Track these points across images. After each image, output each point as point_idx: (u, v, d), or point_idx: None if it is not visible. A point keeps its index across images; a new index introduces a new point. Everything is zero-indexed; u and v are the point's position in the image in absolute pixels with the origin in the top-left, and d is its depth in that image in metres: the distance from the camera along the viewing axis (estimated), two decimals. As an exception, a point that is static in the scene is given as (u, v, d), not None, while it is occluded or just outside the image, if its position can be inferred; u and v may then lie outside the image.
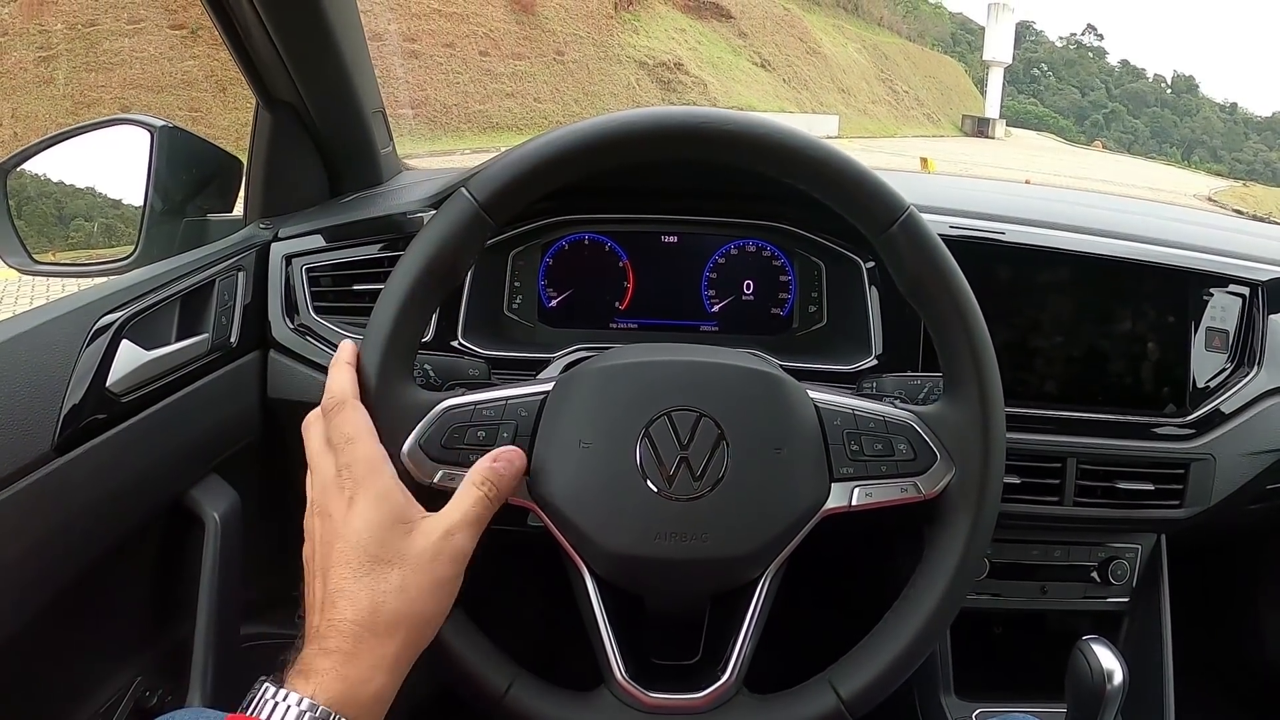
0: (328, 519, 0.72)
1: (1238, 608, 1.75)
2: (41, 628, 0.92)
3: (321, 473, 0.75)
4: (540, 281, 1.32)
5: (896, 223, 0.82)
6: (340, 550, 0.70)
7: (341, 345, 0.81)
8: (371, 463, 0.74)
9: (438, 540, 0.72)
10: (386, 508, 0.72)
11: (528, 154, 0.80)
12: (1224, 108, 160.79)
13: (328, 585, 0.69)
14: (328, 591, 0.69)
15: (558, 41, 32.54)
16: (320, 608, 0.69)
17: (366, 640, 0.67)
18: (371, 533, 0.70)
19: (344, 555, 0.70)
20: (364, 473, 0.73)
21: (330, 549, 0.71)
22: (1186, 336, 1.29)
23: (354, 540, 0.70)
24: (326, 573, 0.70)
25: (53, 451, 0.88)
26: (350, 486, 0.72)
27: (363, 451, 0.74)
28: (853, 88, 59.59)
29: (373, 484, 0.72)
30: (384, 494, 0.72)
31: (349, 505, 0.71)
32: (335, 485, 0.73)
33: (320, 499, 0.74)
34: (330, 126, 1.35)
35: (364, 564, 0.69)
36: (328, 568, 0.70)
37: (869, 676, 0.81)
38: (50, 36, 18.87)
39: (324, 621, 0.68)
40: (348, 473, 0.73)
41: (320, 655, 0.67)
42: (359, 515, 0.71)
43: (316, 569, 0.72)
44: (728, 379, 0.83)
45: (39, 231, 1.34)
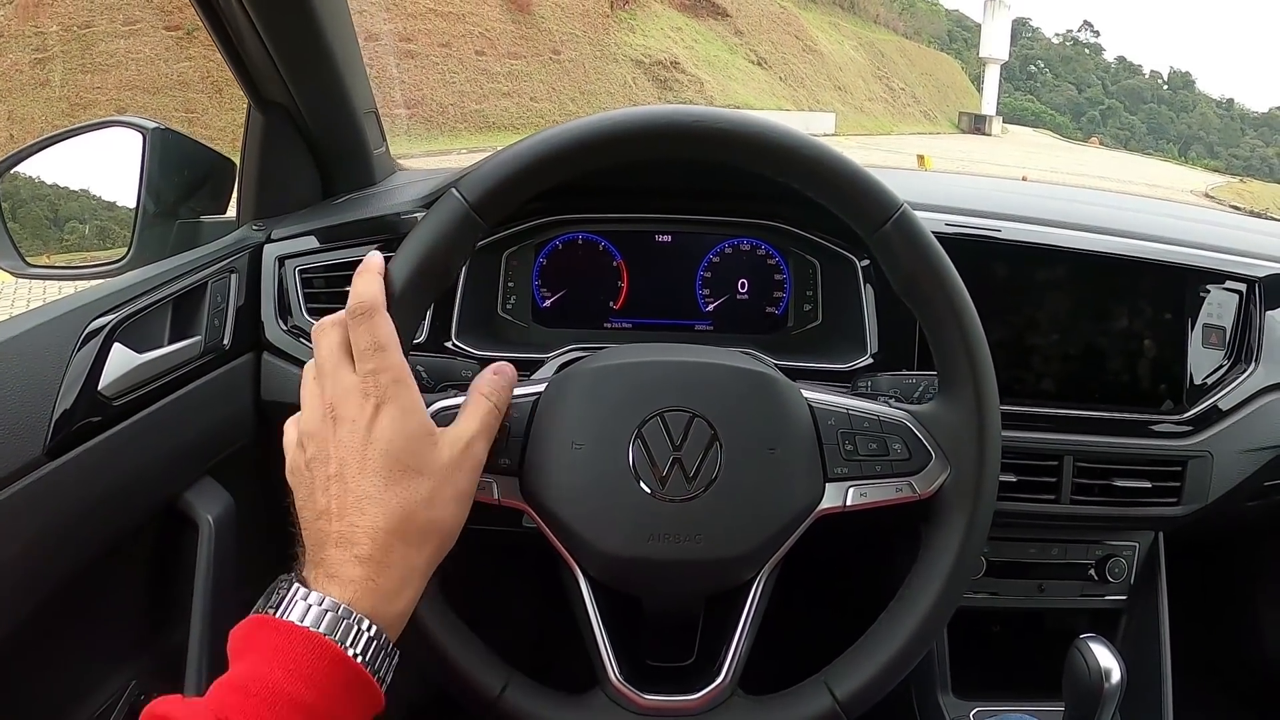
0: (347, 423, 0.70)
1: (1236, 605, 1.75)
2: (35, 632, 0.92)
3: (338, 378, 0.73)
4: (534, 282, 1.32)
5: (890, 221, 0.82)
6: (369, 456, 0.69)
7: (370, 255, 0.78)
8: (401, 372, 0.72)
9: (460, 452, 0.73)
10: (416, 419, 0.71)
11: (518, 154, 0.80)
12: (1220, 104, 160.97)
13: (351, 490, 0.68)
14: (353, 497, 0.68)
15: (554, 41, 32.55)
16: (341, 513, 0.68)
17: (398, 549, 0.68)
18: (404, 441, 0.70)
19: (372, 462, 0.69)
20: (392, 381, 0.71)
21: (354, 453, 0.69)
22: (1184, 333, 1.29)
23: (383, 447, 0.69)
24: (347, 479, 0.69)
25: (44, 456, 0.87)
26: (377, 393, 0.71)
27: (393, 359, 0.72)
28: (849, 85, 59.63)
29: (402, 393, 0.72)
30: (413, 406, 0.72)
31: (375, 412, 0.70)
32: (359, 391, 0.71)
33: (337, 403, 0.72)
34: (322, 128, 1.35)
35: (395, 472, 0.69)
36: (348, 474, 0.69)
37: (864, 677, 0.81)
38: (46, 38, 18.86)
39: (350, 527, 0.67)
40: (373, 380, 0.71)
41: (352, 563, 0.66)
42: (389, 423, 0.70)
43: (331, 474, 0.70)
44: (721, 379, 0.83)
45: (33, 234, 1.34)
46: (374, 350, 0.72)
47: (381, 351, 0.72)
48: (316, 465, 0.71)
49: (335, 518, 0.68)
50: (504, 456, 0.81)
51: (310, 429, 0.73)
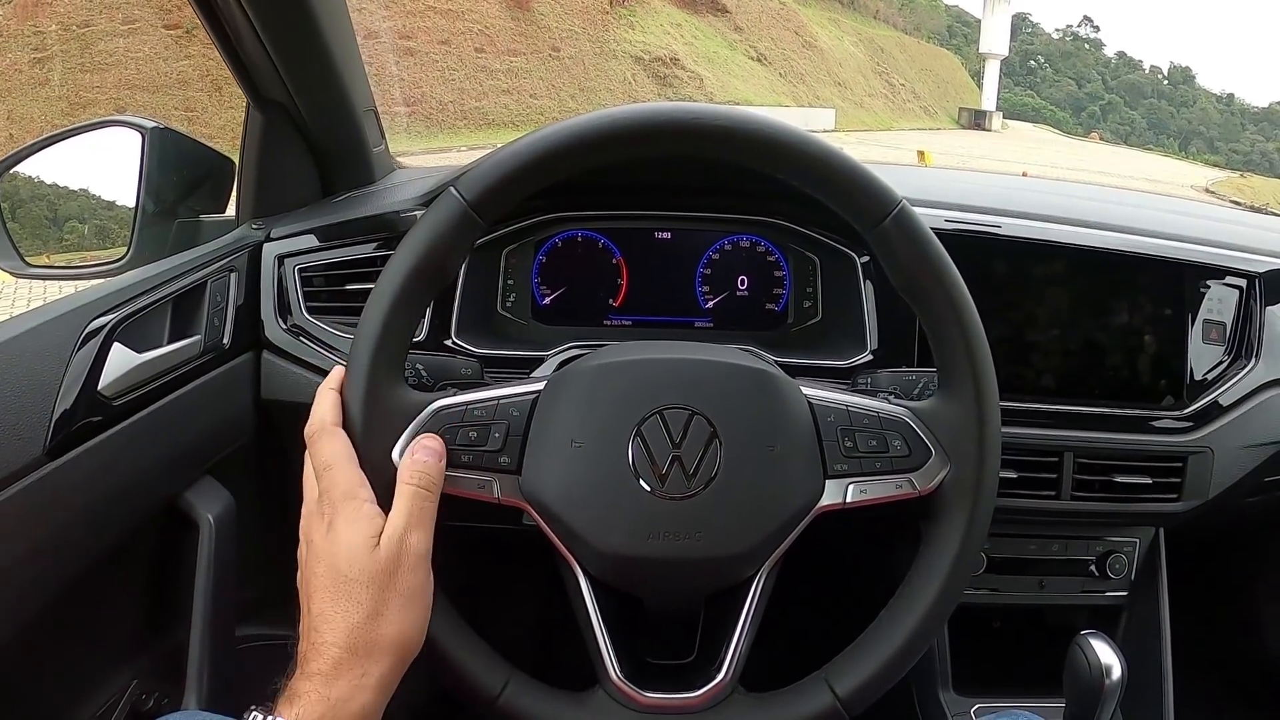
0: (309, 545, 0.75)
1: (1236, 600, 1.75)
2: (37, 633, 0.92)
3: (307, 501, 0.77)
4: (534, 279, 1.32)
5: (889, 217, 0.82)
6: (320, 575, 0.72)
7: (333, 371, 0.82)
8: (348, 487, 0.75)
9: (396, 551, 0.73)
10: (359, 530, 0.73)
11: (516, 152, 0.80)
12: (1221, 99, 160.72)
13: (311, 610, 0.72)
14: (312, 617, 0.71)
15: (553, 37, 32.51)
16: (306, 633, 0.71)
17: (345, 661, 0.69)
18: (347, 554, 0.72)
19: (322, 580, 0.72)
20: (340, 497, 0.74)
21: (312, 575, 0.73)
22: (1184, 329, 1.29)
23: (329, 564, 0.72)
24: (309, 599, 0.72)
25: (45, 456, 0.87)
26: (329, 512, 0.74)
27: (340, 476, 0.75)
28: (849, 81, 59.56)
29: (348, 507, 0.74)
30: (357, 516, 0.74)
31: (327, 530, 0.73)
32: (316, 512, 0.75)
33: (305, 526, 0.76)
34: (321, 126, 1.34)
35: (340, 586, 0.71)
36: (310, 593, 0.72)
37: (865, 674, 0.81)
38: (45, 38, 18.83)
39: (309, 646, 0.71)
40: (326, 498, 0.75)
41: (304, 679, 0.69)
42: (335, 539, 0.73)
43: (303, 596, 0.74)
44: (720, 376, 0.83)
45: (34, 234, 1.33)
46: (324, 470, 0.76)
47: (329, 470, 0.76)
48: (299, 589, 0.75)
49: (304, 638, 0.72)
50: (504, 455, 0.81)
51: (299, 555, 0.77)
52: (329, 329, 1.21)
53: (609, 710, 0.81)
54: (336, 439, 0.77)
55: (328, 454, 0.76)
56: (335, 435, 0.77)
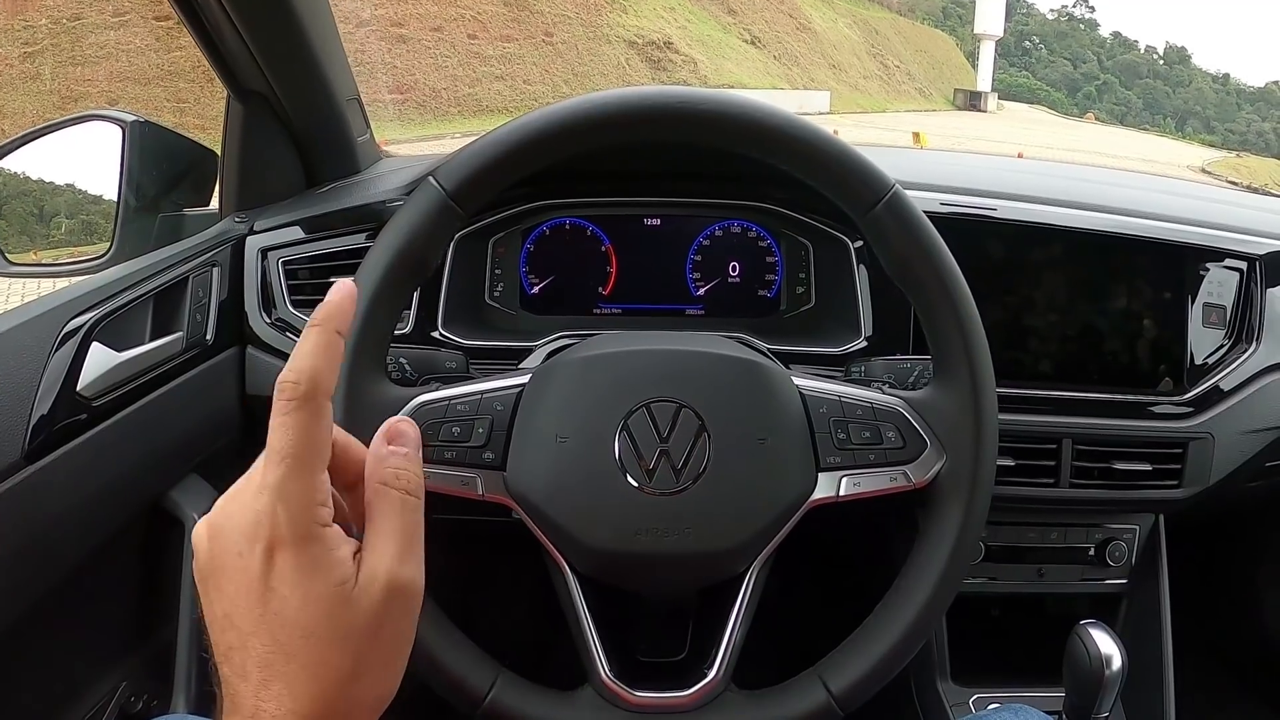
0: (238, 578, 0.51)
1: (1236, 587, 1.74)
2: (23, 637, 0.91)
3: (241, 493, 0.53)
4: (521, 268, 1.30)
5: (881, 202, 0.80)
6: (267, 631, 0.50)
7: (336, 286, 0.55)
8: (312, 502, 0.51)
9: (379, 595, 0.52)
10: (327, 572, 0.51)
11: (496, 140, 0.78)
12: (1216, 79, 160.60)
13: (252, 652, 0.50)
14: (254, 662, 0.50)
15: (546, 23, 32.45)
16: (243, 673, 0.50)
17: None
18: (308, 609, 0.50)
19: (270, 638, 0.50)
20: (300, 517, 0.51)
21: (252, 628, 0.50)
22: (1183, 313, 1.27)
23: (281, 618, 0.50)
24: (245, 656, 0.50)
25: (23, 460, 0.86)
26: (282, 535, 0.50)
27: (302, 484, 0.51)
28: (844, 63, 59.46)
29: (310, 538, 0.51)
30: (323, 551, 0.51)
31: (268, 558, 0.50)
32: (256, 525, 0.51)
33: (228, 539, 0.52)
34: (303, 116, 1.32)
35: (296, 646, 0.50)
36: (246, 650, 0.50)
37: (860, 671, 0.80)
38: (35, 31, 18.78)
39: (255, 708, 0.49)
40: (281, 512, 0.50)
41: None
42: (292, 583, 0.50)
43: (228, 647, 0.51)
44: (709, 367, 0.81)
45: (20, 231, 1.32)
46: (283, 460, 0.50)
47: (293, 467, 0.51)
48: (210, 589, 0.52)
49: (243, 680, 0.50)
50: (488, 451, 0.79)
51: (216, 526, 0.53)
52: None
53: (598, 709, 0.80)
54: (322, 420, 0.52)
55: (296, 438, 0.51)
56: (324, 412, 0.52)
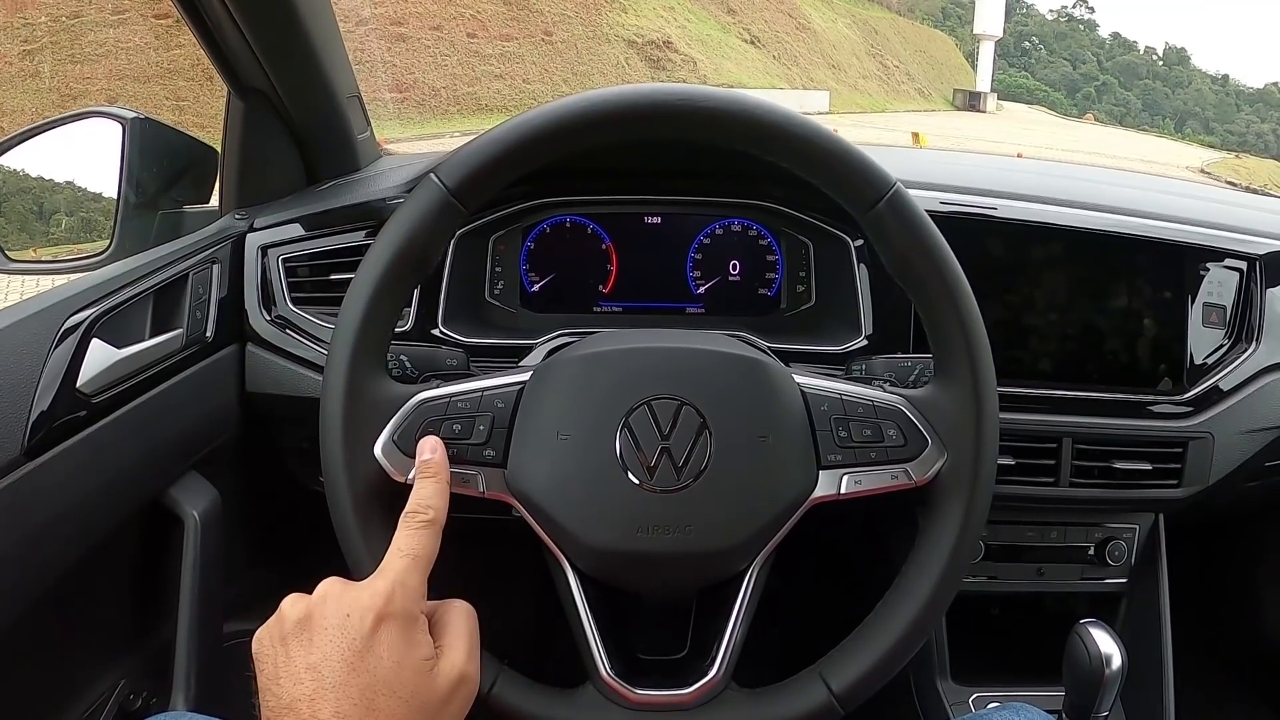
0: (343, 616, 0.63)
1: (1235, 586, 1.74)
2: (22, 634, 0.91)
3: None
4: (522, 266, 1.30)
5: (882, 200, 0.80)
6: (359, 670, 0.61)
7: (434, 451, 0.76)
8: (417, 595, 0.67)
9: (452, 688, 0.65)
10: (416, 647, 0.64)
11: (497, 138, 0.78)
12: (1215, 80, 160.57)
13: (326, 699, 0.59)
14: (328, 710, 0.59)
15: (546, 22, 32.43)
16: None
17: None
18: (398, 668, 0.62)
19: (361, 677, 0.60)
20: (407, 601, 0.65)
21: (343, 655, 0.61)
22: (1183, 312, 1.27)
23: (377, 665, 0.61)
24: (324, 678, 0.60)
25: (23, 456, 0.86)
26: (384, 605, 0.64)
27: (417, 580, 0.67)
28: (843, 63, 59.43)
29: (409, 619, 0.65)
30: (414, 630, 0.65)
31: (377, 625, 0.63)
32: (370, 590, 0.65)
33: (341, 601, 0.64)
34: (304, 114, 1.32)
35: (381, 698, 0.61)
36: (326, 674, 0.60)
37: (861, 669, 0.79)
38: (34, 29, 18.78)
39: None
40: (389, 589, 0.64)
41: None
42: (386, 642, 0.62)
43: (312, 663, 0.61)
44: (710, 365, 0.81)
45: (20, 228, 1.32)
46: (409, 559, 0.67)
47: (414, 565, 0.67)
48: (295, 644, 0.62)
49: None
50: (489, 448, 0.79)
51: (320, 595, 0.65)
52: (314, 320, 1.20)
53: (599, 707, 0.79)
54: (436, 536, 0.70)
55: (419, 545, 0.68)
56: (436, 533, 0.70)
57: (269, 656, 0.62)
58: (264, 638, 0.64)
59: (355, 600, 0.63)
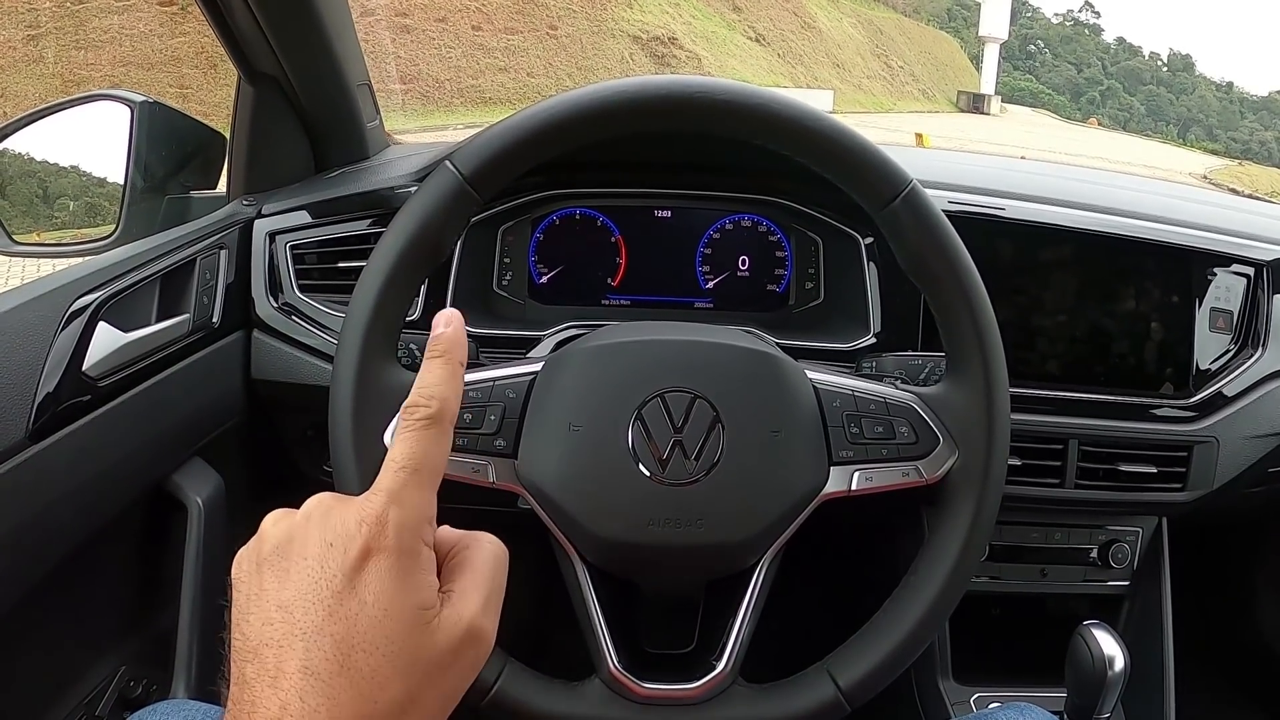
0: (324, 546, 0.49)
1: (1237, 590, 1.74)
2: (22, 618, 0.91)
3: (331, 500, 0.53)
4: (530, 257, 1.30)
5: (899, 197, 0.80)
6: (337, 618, 0.47)
7: (446, 319, 0.58)
8: (421, 514, 0.52)
9: (459, 640, 0.50)
10: (412, 592, 0.50)
11: (514, 126, 0.77)
12: (1220, 87, 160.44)
13: (291, 652, 0.47)
14: (294, 663, 0.46)
15: (551, 16, 32.38)
16: (275, 678, 0.46)
17: None
18: (389, 620, 0.48)
19: (337, 628, 0.47)
20: (404, 528, 0.50)
21: (317, 597, 0.48)
22: (1190, 317, 1.27)
23: (359, 614, 0.48)
24: (295, 628, 0.47)
25: (28, 439, 0.86)
26: (374, 531, 0.49)
27: (423, 501, 0.52)
28: (847, 63, 59.39)
29: (409, 555, 0.50)
30: (413, 569, 0.50)
31: (364, 558, 0.49)
32: (356, 514, 0.50)
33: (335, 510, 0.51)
34: (314, 100, 1.32)
35: (360, 655, 0.47)
36: (296, 621, 0.47)
37: (868, 666, 0.79)
38: (38, 15, 18.74)
39: (282, 713, 0.45)
40: (382, 514, 0.50)
41: None
42: (377, 581, 0.48)
43: (281, 602, 0.48)
44: (724, 359, 0.81)
45: (24, 212, 1.32)
46: (407, 470, 0.52)
47: (415, 479, 0.52)
48: (270, 573, 0.50)
49: (266, 681, 0.46)
50: (499, 438, 0.79)
51: (304, 515, 0.52)
52: (321, 307, 1.19)
53: (605, 701, 0.79)
54: (441, 439, 0.54)
55: (420, 452, 0.53)
56: (441, 433, 0.54)
57: (244, 585, 0.50)
58: (242, 561, 0.52)
59: (340, 525, 0.50)
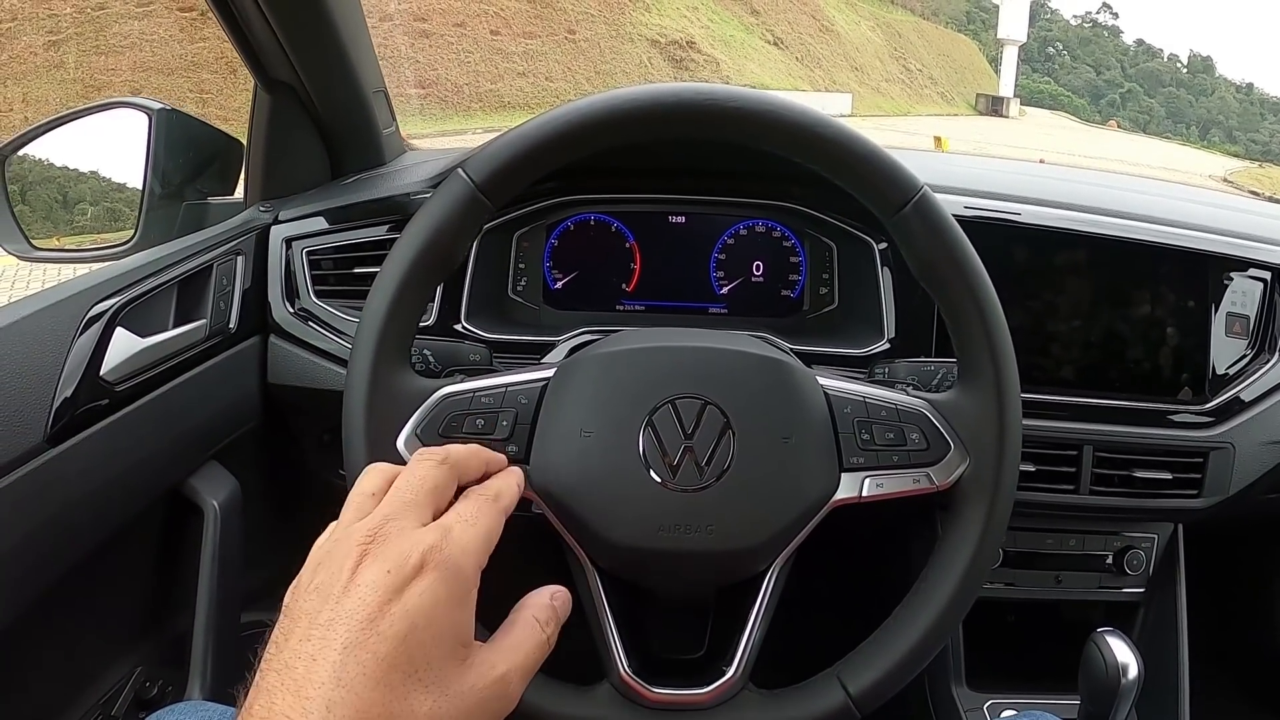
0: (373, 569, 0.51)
1: (1253, 598, 1.73)
2: (40, 619, 0.92)
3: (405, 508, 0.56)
4: (545, 263, 1.30)
5: (909, 203, 0.80)
6: (375, 632, 0.48)
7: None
8: (476, 552, 0.55)
9: (490, 683, 0.52)
10: (457, 615, 0.52)
11: (526, 133, 0.78)
12: (1240, 88, 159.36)
13: (322, 663, 0.47)
14: (323, 673, 0.47)
15: (569, 20, 32.46)
16: (299, 688, 0.46)
17: None
18: (428, 637, 0.50)
19: (374, 643, 0.48)
20: (460, 551, 0.54)
21: (359, 615, 0.49)
22: (1206, 322, 1.26)
23: (399, 629, 0.49)
24: (330, 641, 0.48)
25: (45, 443, 0.87)
26: (427, 550, 0.52)
27: (482, 529, 0.57)
28: (866, 66, 59.30)
29: (457, 576, 0.53)
30: (463, 597, 0.53)
31: (415, 574, 0.51)
32: (412, 535, 0.53)
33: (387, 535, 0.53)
34: (330, 107, 1.33)
35: (396, 672, 0.48)
36: (334, 636, 0.48)
37: (878, 673, 0.79)
38: (59, 20, 18.91)
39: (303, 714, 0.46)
40: (440, 535, 0.53)
41: None
42: (420, 600, 0.50)
43: (321, 622, 0.49)
44: (734, 365, 0.81)
45: (44, 217, 1.33)
46: (490, 500, 0.60)
47: (494, 509, 0.59)
48: (320, 598, 0.50)
49: (289, 690, 0.47)
50: (511, 444, 0.79)
51: (343, 541, 0.54)
52: (337, 313, 1.20)
53: (616, 705, 0.79)
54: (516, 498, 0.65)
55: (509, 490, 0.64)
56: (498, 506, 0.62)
57: (292, 608, 0.51)
58: (297, 587, 0.53)
59: (398, 552, 0.52)
